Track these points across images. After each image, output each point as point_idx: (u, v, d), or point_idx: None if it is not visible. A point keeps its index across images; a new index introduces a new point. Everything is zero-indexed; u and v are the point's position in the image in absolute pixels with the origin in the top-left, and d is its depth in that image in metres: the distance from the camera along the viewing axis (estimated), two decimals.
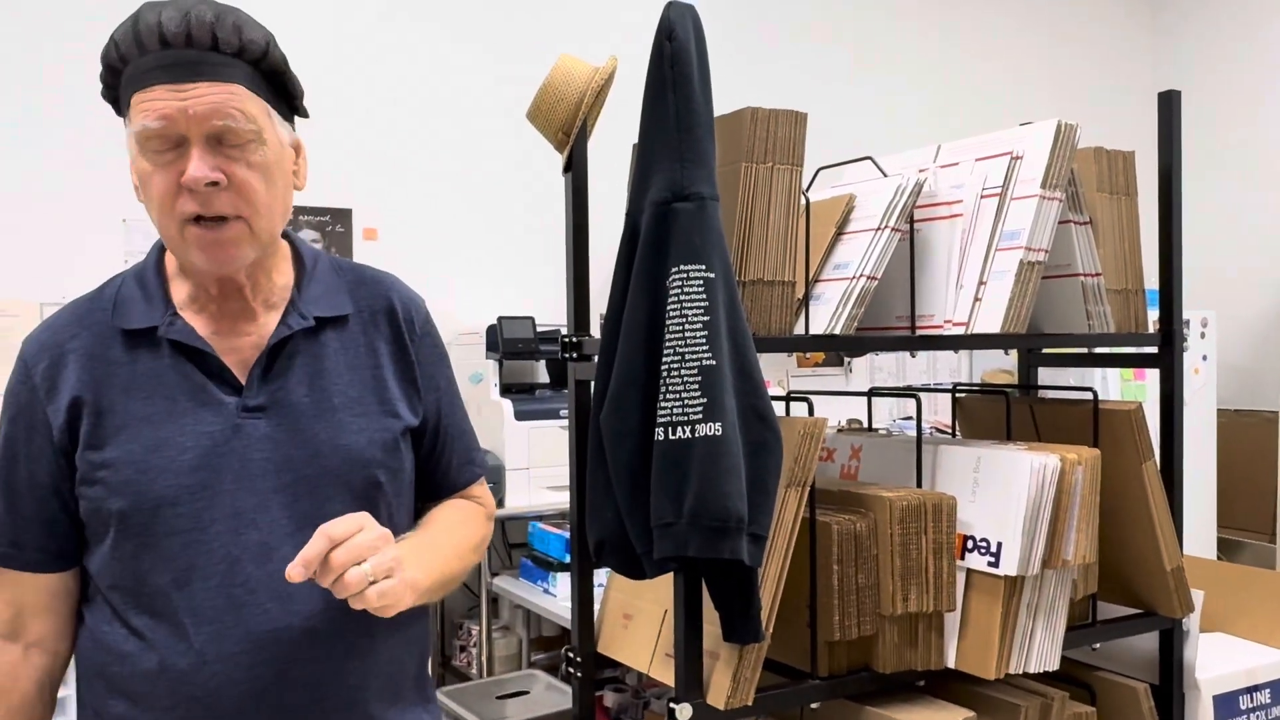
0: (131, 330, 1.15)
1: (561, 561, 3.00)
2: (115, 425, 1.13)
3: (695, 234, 1.27)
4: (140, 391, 1.14)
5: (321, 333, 1.21)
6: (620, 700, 2.73)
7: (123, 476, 1.11)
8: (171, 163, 1.08)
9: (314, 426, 1.17)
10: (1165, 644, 1.81)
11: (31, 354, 1.17)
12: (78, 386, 1.13)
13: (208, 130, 1.07)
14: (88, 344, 1.15)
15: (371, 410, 1.22)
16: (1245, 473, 4.63)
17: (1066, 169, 1.64)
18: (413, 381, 1.28)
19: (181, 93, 1.06)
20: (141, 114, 1.07)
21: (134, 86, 1.08)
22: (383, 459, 1.22)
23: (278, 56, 1.13)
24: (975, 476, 1.57)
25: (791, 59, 4.59)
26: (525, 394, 3.51)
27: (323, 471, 1.17)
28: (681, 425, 1.24)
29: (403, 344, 1.28)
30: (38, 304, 3.14)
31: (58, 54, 3.23)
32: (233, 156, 1.09)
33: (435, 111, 3.85)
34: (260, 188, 1.11)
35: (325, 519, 1.08)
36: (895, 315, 1.73)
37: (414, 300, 1.33)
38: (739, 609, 1.33)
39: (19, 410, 1.16)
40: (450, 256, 3.79)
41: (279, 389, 1.17)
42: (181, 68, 1.06)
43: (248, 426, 1.15)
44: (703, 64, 1.32)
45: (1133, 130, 3.36)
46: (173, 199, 1.08)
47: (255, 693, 1.10)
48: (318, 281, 1.24)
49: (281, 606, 1.11)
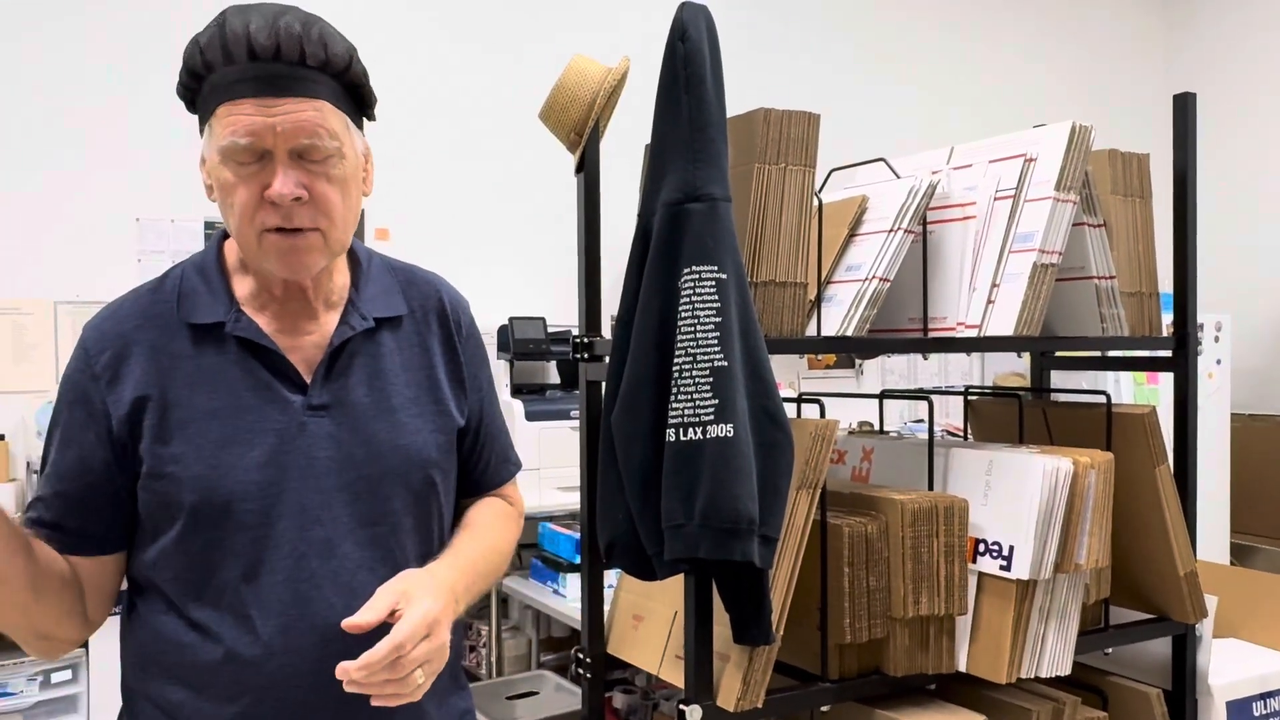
0: (197, 325, 1.17)
1: (571, 562, 2.99)
2: (181, 419, 1.14)
3: (708, 235, 1.27)
4: (205, 386, 1.15)
5: (379, 333, 1.23)
6: (630, 701, 2.73)
7: (193, 471, 1.12)
8: (254, 175, 1.09)
9: (374, 426, 1.19)
10: (1178, 649, 1.80)
11: (93, 342, 1.16)
12: (143, 380, 1.14)
13: (293, 146, 1.09)
14: (152, 336, 1.16)
15: (427, 411, 1.25)
16: (1259, 477, 4.60)
17: (1081, 171, 1.63)
18: (460, 382, 1.30)
19: (269, 108, 1.07)
20: (229, 128, 1.08)
21: (220, 97, 1.09)
22: (438, 459, 1.25)
23: (359, 69, 1.16)
24: (987, 479, 1.56)
25: (804, 60, 4.58)
26: (536, 394, 3.51)
27: (384, 471, 1.19)
28: (693, 426, 1.23)
29: (452, 344, 1.30)
30: (51, 302, 3.16)
31: (73, 54, 3.25)
32: (314, 171, 1.11)
33: (447, 112, 3.86)
34: (338, 201, 1.13)
35: (385, 518, 1.17)
36: (908, 317, 1.73)
37: (460, 300, 1.35)
38: (749, 611, 1.33)
39: (77, 397, 1.16)
40: (462, 256, 3.80)
41: (340, 388, 1.19)
42: (269, 82, 1.08)
43: (312, 425, 1.17)
44: (716, 65, 1.32)
45: (1147, 133, 3.35)
46: (254, 210, 1.10)
47: (321, 684, 1.11)
48: (374, 282, 1.26)
49: (346, 601, 1.13)
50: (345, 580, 1.15)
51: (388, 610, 1.05)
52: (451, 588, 1.16)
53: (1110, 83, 5.44)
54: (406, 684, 1.04)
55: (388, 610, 1.05)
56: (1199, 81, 5.37)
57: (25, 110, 3.19)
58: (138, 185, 3.32)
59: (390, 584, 1.10)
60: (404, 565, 1.18)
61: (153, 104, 3.30)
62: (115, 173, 3.28)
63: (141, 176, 3.32)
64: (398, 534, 1.20)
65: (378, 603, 1.06)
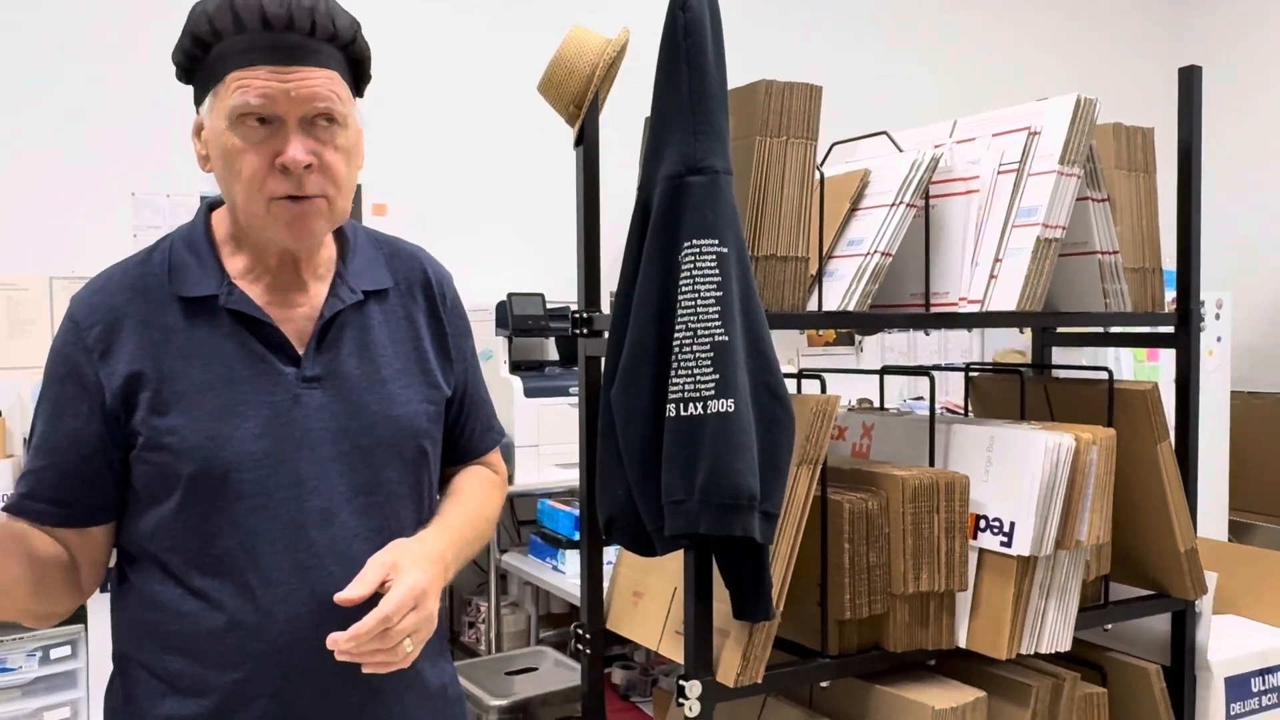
0: (188, 298, 1.17)
1: (570, 539, 2.99)
2: (177, 391, 1.14)
3: (708, 208, 1.26)
4: (198, 359, 1.15)
5: (366, 305, 1.25)
6: (629, 677, 2.74)
7: (190, 443, 1.13)
8: (263, 141, 1.11)
9: (366, 398, 1.21)
10: (1177, 625, 1.80)
11: (83, 315, 1.16)
12: (136, 353, 1.14)
13: (305, 113, 1.11)
14: (143, 309, 1.16)
15: (416, 382, 1.27)
16: (1258, 455, 4.60)
17: (1085, 145, 1.62)
18: (446, 353, 1.32)
19: (284, 75, 1.09)
20: (240, 90, 1.09)
21: (231, 64, 1.10)
22: (428, 429, 1.27)
23: (363, 44, 1.18)
24: (989, 456, 1.56)
25: (806, 32, 4.54)
26: (535, 371, 3.50)
27: (377, 442, 1.21)
28: (693, 401, 1.23)
29: (437, 316, 1.32)
30: (46, 278, 3.14)
31: (67, 28, 3.21)
32: (322, 139, 1.13)
33: (445, 85, 3.83)
34: (343, 170, 1.15)
35: (380, 487, 1.19)
36: (910, 292, 1.71)
37: (444, 272, 1.37)
38: (750, 587, 1.32)
39: (69, 371, 1.16)
40: (460, 232, 3.78)
41: (332, 360, 1.20)
42: (284, 51, 1.10)
43: (306, 396, 1.18)
44: (717, 36, 1.30)
45: (1151, 107, 3.33)
46: (263, 178, 1.11)
47: (321, 651, 1.12)
48: (360, 254, 1.27)
49: (345, 570, 1.14)
50: (343, 549, 1.17)
51: (378, 582, 1.08)
52: (441, 555, 1.19)
53: (1115, 56, 5.40)
54: (395, 653, 1.08)
55: (378, 582, 1.08)
56: (1205, 55, 5.33)
57: (19, 84, 3.16)
58: (133, 160, 3.29)
59: (380, 555, 1.12)
60: (399, 533, 1.20)
61: (149, 78, 3.27)
62: (111, 148, 3.26)
63: (137, 152, 3.29)
64: (392, 503, 1.22)
65: (368, 575, 1.09)
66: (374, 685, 1.20)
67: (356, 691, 1.19)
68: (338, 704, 1.18)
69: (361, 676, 1.16)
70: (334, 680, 1.17)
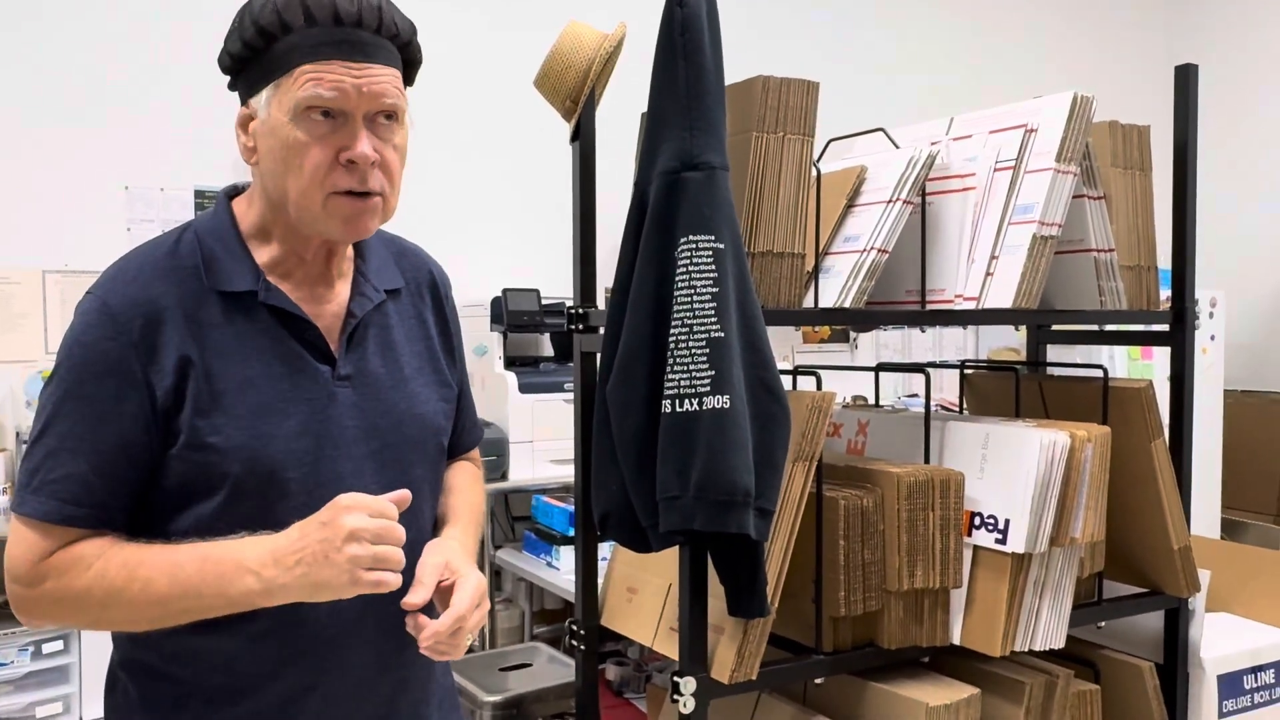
0: (226, 292, 1.15)
1: (565, 535, 2.99)
2: (219, 389, 1.12)
3: (704, 204, 1.25)
4: (236, 355, 1.14)
5: (385, 304, 1.26)
6: (623, 673, 2.74)
7: (235, 442, 1.12)
8: (327, 135, 1.10)
9: (393, 396, 1.23)
10: (1170, 623, 1.80)
11: (121, 309, 1.11)
12: (182, 346, 1.12)
13: (370, 110, 1.12)
14: (180, 301, 1.13)
15: (432, 381, 1.29)
16: (1251, 454, 4.61)
17: (1082, 142, 1.62)
18: (451, 351, 1.35)
19: (356, 71, 1.10)
20: (312, 83, 1.09)
21: (302, 57, 1.10)
22: (445, 426, 1.31)
23: (418, 46, 1.19)
24: (984, 453, 1.56)
25: (804, 28, 4.54)
26: (530, 367, 3.50)
27: (405, 439, 1.23)
28: (689, 398, 1.22)
29: (442, 315, 1.35)
30: (40, 271, 3.12)
31: (61, 20, 3.20)
32: (384, 137, 1.14)
33: (440, 80, 3.81)
34: (398, 168, 1.17)
35: (409, 484, 1.18)
36: (905, 289, 1.71)
37: (444, 272, 1.39)
38: (744, 583, 1.32)
39: (108, 368, 1.10)
40: (455, 228, 3.77)
41: (359, 359, 1.21)
42: (355, 46, 1.10)
43: (340, 395, 1.19)
44: (714, 31, 1.30)
45: (1147, 105, 3.33)
46: (326, 172, 1.11)
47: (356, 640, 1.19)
48: (375, 253, 1.28)
49: None
50: None
51: (434, 584, 1.14)
52: (472, 553, 1.27)
53: (1111, 54, 5.40)
54: (459, 648, 1.14)
55: (434, 584, 1.14)
56: (1200, 54, 5.33)
57: (11, 78, 3.14)
58: (126, 154, 3.28)
59: (430, 558, 1.17)
60: (424, 528, 1.26)
61: (143, 71, 3.26)
62: (104, 141, 3.24)
63: (130, 145, 3.28)
64: (418, 499, 1.22)
65: (426, 578, 1.14)
66: (402, 675, 1.24)
67: (388, 683, 1.23)
68: (373, 695, 1.22)
69: (392, 668, 1.22)
70: (370, 671, 1.21)
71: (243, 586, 1.07)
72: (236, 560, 1.08)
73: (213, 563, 1.08)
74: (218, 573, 1.08)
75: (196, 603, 1.09)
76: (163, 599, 1.08)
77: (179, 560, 1.09)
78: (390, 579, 1.05)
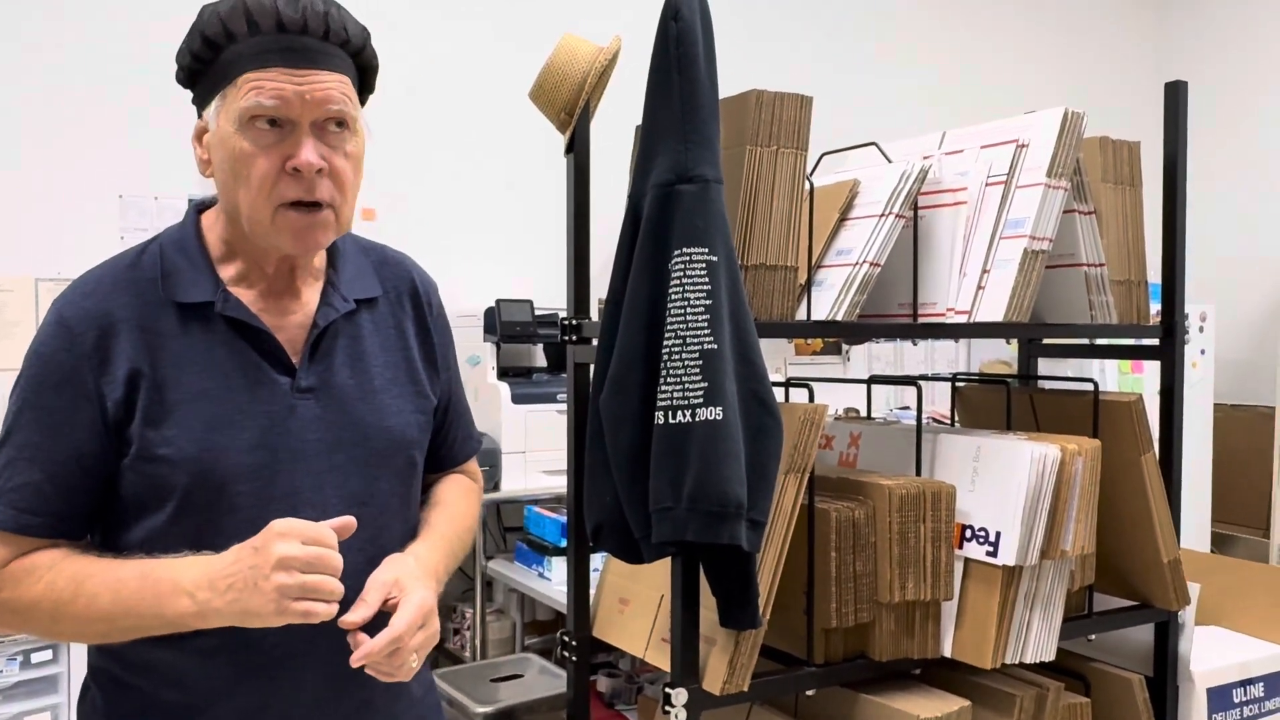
0: (183, 303, 1.14)
1: (557, 546, 2.99)
2: (172, 400, 1.12)
3: (698, 216, 1.26)
4: (193, 366, 1.13)
5: (357, 314, 1.23)
6: (614, 685, 2.73)
7: (186, 454, 1.11)
8: (274, 145, 1.09)
9: (359, 409, 1.20)
10: (1160, 636, 1.81)
11: (76, 320, 1.12)
12: (133, 358, 1.11)
13: (317, 117, 1.10)
14: (137, 314, 1.13)
15: (406, 393, 1.25)
16: (1240, 467, 4.63)
17: (1072, 158, 1.63)
18: (433, 362, 1.31)
19: (298, 78, 1.08)
20: (254, 91, 1.08)
21: (245, 65, 1.08)
22: (418, 439, 1.27)
23: (372, 52, 1.18)
24: (975, 466, 1.56)
25: (797, 42, 4.56)
26: (523, 377, 3.50)
27: (370, 453, 1.20)
28: (682, 409, 1.23)
29: (424, 325, 1.31)
30: (33, 279, 3.12)
31: (54, 30, 3.20)
32: (333, 145, 1.12)
33: (435, 91, 3.83)
34: (351, 177, 1.14)
35: (373, 499, 1.18)
36: (898, 303, 1.72)
37: (430, 281, 1.36)
38: (736, 595, 1.33)
39: (64, 379, 1.11)
40: (449, 238, 3.77)
41: (325, 370, 1.19)
42: (298, 53, 1.09)
43: (301, 407, 1.16)
44: (708, 45, 1.31)
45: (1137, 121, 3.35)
46: (274, 182, 1.09)
47: (310, 659, 1.15)
48: (350, 262, 1.26)
49: None
50: None
51: (379, 603, 1.09)
52: (434, 570, 1.21)
53: (1102, 70, 5.44)
54: (402, 669, 1.09)
55: (379, 603, 1.09)
56: (1190, 70, 5.37)
57: (4, 86, 3.14)
58: (120, 162, 3.28)
59: (380, 575, 1.12)
60: (390, 544, 1.20)
61: (136, 80, 3.26)
62: (98, 149, 3.24)
63: (124, 153, 3.28)
64: (385, 514, 1.21)
65: (370, 596, 1.09)
66: (364, 696, 1.19)
67: (349, 704, 1.19)
68: (331, 714, 1.18)
69: (353, 688, 1.16)
70: (327, 692, 1.17)
71: (178, 608, 1.05)
72: (174, 580, 1.06)
73: (152, 581, 1.07)
74: (155, 592, 1.06)
75: (137, 621, 1.08)
76: (106, 615, 1.08)
77: (122, 576, 1.08)
78: (320, 609, 1.01)
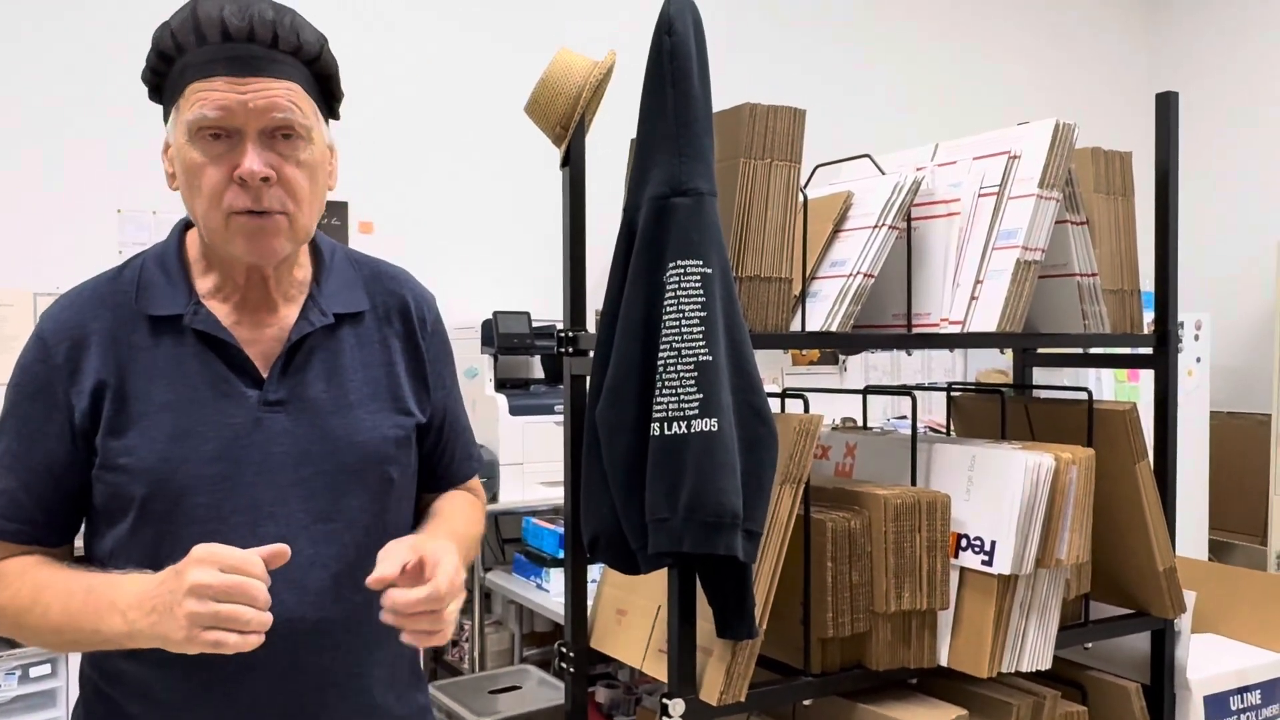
0: (155, 316, 1.15)
1: (555, 557, 2.99)
2: (137, 411, 1.13)
3: (693, 229, 1.27)
4: (162, 378, 1.14)
5: (339, 328, 1.23)
6: (613, 696, 2.74)
7: (145, 464, 1.12)
8: (223, 155, 1.09)
9: (331, 422, 1.19)
10: (1157, 644, 1.81)
11: (51, 333, 1.15)
12: (101, 370, 1.13)
13: (263, 125, 1.09)
14: (110, 326, 1.15)
15: (386, 408, 1.24)
16: (1236, 475, 4.64)
17: (1064, 169, 1.64)
18: (423, 379, 1.30)
19: (242, 86, 1.08)
20: (199, 103, 1.08)
21: (191, 76, 1.09)
22: (395, 455, 1.24)
23: (330, 59, 1.16)
24: (970, 475, 1.57)
25: (791, 55, 4.59)
26: (520, 389, 3.51)
27: (340, 467, 1.19)
28: (677, 421, 1.23)
29: (415, 341, 1.30)
30: (31, 294, 3.13)
31: (53, 44, 3.21)
32: (283, 153, 1.11)
33: (432, 104, 3.85)
34: (305, 185, 1.13)
35: (341, 514, 1.17)
36: (891, 313, 1.73)
37: (426, 297, 1.35)
38: (733, 605, 1.33)
39: (39, 389, 1.14)
40: (446, 250, 3.79)
41: (298, 384, 1.18)
42: (243, 62, 1.08)
43: (268, 420, 1.16)
44: (702, 59, 1.32)
45: (1128, 132, 3.37)
46: (222, 191, 1.10)
47: (268, 676, 1.12)
48: (336, 276, 1.25)
49: (296, 598, 1.13)
50: (296, 576, 1.13)
51: (402, 562, 1.05)
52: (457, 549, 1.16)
53: (1094, 81, 5.47)
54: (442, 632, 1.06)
55: (402, 562, 1.05)
56: (1181, 81, 5.40)
57: (4, 100, 3.15)
58: (119, 177, 3.29)
59: (398, 542, 1.09)
60: (358, 563, 1.16)
61: (134, 95, 3.27)
62: (96, 164, 3.26)
63: (123, 168, 3.29)
64: (353, 531, 1.19)
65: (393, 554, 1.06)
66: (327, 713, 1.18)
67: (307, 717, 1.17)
68: None
69: (310, 705, 1.15)
70: (281, 710, 1.16)
71: (112, 626, 1.04)
72: (111, 598, 1.05)
73: (95, 597, 1.07)
74: (95, 608, 1.06)
75: (78, 635, 1.08)
76: (56, 627, 1.09)
77: (72, 589, 1.09)
78: (231, 640, 0.97)
